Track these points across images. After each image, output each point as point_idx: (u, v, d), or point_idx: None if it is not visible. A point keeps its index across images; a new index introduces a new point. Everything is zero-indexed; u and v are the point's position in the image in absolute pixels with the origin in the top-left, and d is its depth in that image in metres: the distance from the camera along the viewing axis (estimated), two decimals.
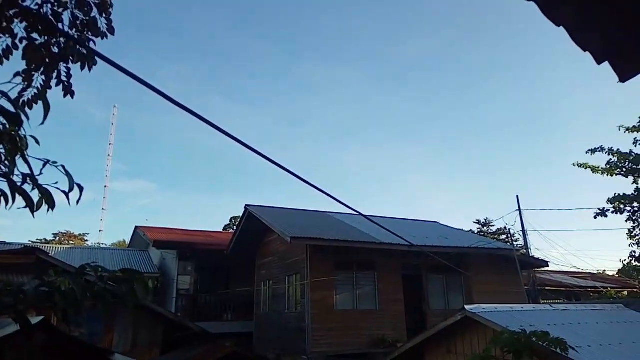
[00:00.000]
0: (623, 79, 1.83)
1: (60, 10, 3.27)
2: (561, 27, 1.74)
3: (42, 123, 1.69)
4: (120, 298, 1.98)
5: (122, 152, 78.13)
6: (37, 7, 3.42)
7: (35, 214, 1.67)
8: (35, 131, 1.78)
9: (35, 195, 1.71)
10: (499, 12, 74.52)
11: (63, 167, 1.58)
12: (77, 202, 1.62)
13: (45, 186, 1.57)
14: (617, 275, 35.59)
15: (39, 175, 1.56)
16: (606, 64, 1.83)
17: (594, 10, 1.70)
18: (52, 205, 1.59)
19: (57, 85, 3.33)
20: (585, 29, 1.75)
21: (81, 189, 1.62)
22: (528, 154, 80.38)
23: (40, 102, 3.24)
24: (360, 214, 7.51)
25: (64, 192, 1.58)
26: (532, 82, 74.50)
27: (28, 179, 1.50)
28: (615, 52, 1.78)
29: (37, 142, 1.79)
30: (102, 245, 40.30)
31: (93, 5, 3.48)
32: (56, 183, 1.58)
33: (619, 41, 1.78)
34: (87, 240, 45.88)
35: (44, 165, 1.58)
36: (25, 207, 1.56)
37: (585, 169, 19.89)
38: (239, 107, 76.66)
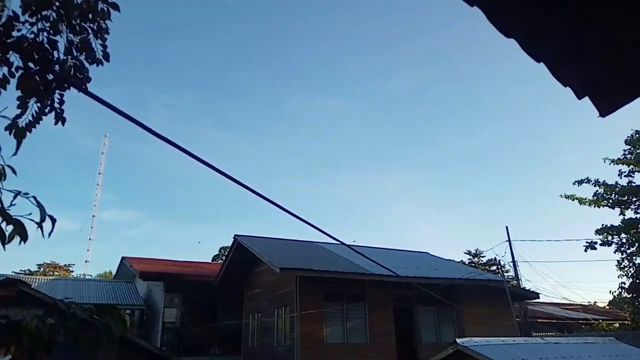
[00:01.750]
0: (603, 113, 1.86)
1: (56, 36, 3.28)
2: (541, 63, 1.77)
3: (15, 154, 1.67)
4: (95, 334, 1.90)
5: (111, 181, 77.61)
6: (33, 36, 3.43)
7: (7, 246, 1.62)
8: (24, 160, 1.76)
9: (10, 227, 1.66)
10: (483, 49, 76.73)
11: (34, 198, 1.54)
12: (50, 234, 1.58)
13: (18, 217, 1.53)
14: (607, 307, 35.50)
15: (10, 207, 1.53)
16: (587, 99, 1.86)
17: (573, 46, 1.74)
18: (24, 237, 1.55)
19: (49, 112, 3.31)
20: (564, 65, 1.78)
21: (53, 220, 1.58)
22: (517, 184, 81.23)
23: (35, 127, 3.22)
24: (345, 244, 7.45)
25: (36, 223, 1.54)
26: (518, 115, 76.05)
27: None
28: (594, 87, 1.81)
29: (14, 172, 1.75)
30: (87, 277, 39.46)
31: (89, 29, 3.49)
32: (30, 214, 1.55)
33: (598, 77, 1.81)
34: (72, 271, 44.90)
35: (14, 197, 1.55)
36: None
37: (573, 200, 20.13)
38: (229, 137, 76.98)
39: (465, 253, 43.70)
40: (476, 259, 42.74)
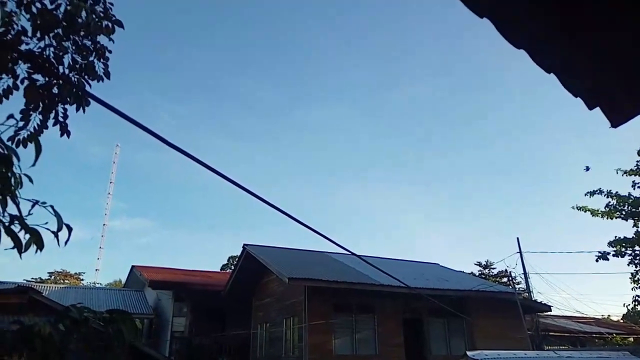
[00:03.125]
0: (615, 124, 1.85)
1: (61, 54, 3.38)
2: (551, 74, 1.77)
3: (34, 164, 1.71)
4: (107, 340, 1.92)
5: (122, 190, 78.31)
6: (40, 50, 3.53)
7: (24, 254, 1.65)
8: (36, 170, 1.80)
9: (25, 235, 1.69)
10: (492, 59, 76.65)
11: (52, 207, 1.57)
12: (66, 243, 1.60)
13: (35, 226, 1.56)
14: (621, 321, 34.81)
15: (27, 215, 1.56)
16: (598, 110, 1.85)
17: (583, 57, 1.74)
18: (40, 246, 1.57)
19: (54, 125, 3.39)
20: (575, 75, 1.78)
21: (70, 229, 1.61)
22: (528, 196, 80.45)
23: (45, 138, 3.28)
24: (355, 255, 7.42)
25: (53, 232, 1.56)
26: (529, 126, 75.60)
27: (15, 220, 1.49)
28: (605, 98, 1.80)
29: (31, 180, 1.79)
30: (97, 285, 39.68)
31: (92, 50, 3.60)
32: (46, 223, 1.57)
33: (609, 87, 1.81)
34: (82, 280, 45.19)
35: (32, 206, 1.58)
36: (13, 248, 1.55)
37: (585, 212, 19.85)
38: (237, 145, 77.39)
39: (475, 264, 43.26)
40: (487, 270, 42.27)
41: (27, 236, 1.64)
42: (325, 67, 68.27)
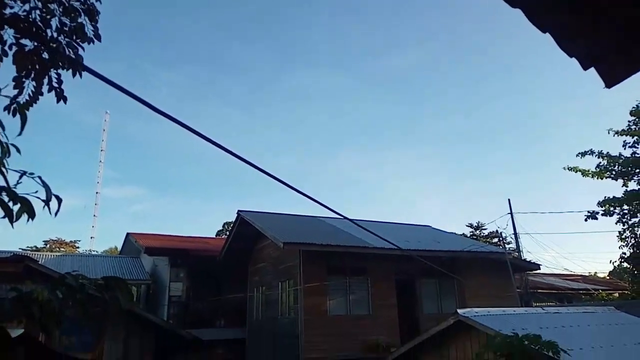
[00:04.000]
0: (609, 84, 1.84)
1: (48, 17, 3.26)
2: (547, 33, 1.74)
3: (20, 134, 1.67)
4: (103, 306, 1.94)
5: (113, 158, 77.69)
6: (25, 14, 3.40)
7: (16, 224, 1.64)
8: (25, 138, 1.77)
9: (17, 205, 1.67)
10: (486, 21, 75.28)
11: (40, 177, 1.55)
12: (56, 213, 1.59)
13: (25, 195, 1.54)
14: (608, 277, 35.89)
15: (16, 185, 1.53)
16: (592, 70, 1.83)
17: (579, 17, 1.71)
18: (32, 215, 1.56)
19: (49, 91, 3.31)
20: (570, 35, 1.75)
21: (59, 200, 1.59)
22: (519, 157, 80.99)
23: (32, 106, 3.22)
24: (348, 219, 7.50)
25: (43, 200, 1.55)
26: (522, 88, 75.18)
27: (3, 191, 1.47)
28: (600, 58, 1.78)
29: (18, 150, 1.76)
30: (93, 253, 39.94)
31: (81, 11, 3.47)
32: (36, 192, 1.55)
33: (604, 47, 1.78)
34: (78, 248, 45.42)
35: (20, 177, 1.55)
36: (3, 217, 1.53)
37: (576, 172, 20.11)
38: (232, 113, 76.56)
39: (467, 226, 43.92)
40: (478, 231, 42.97)
41: (18, 205, 1.62)
42: (318, 33, 66.81)
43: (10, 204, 1.54)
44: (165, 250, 21.83)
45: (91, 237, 41.84)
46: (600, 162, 19.87)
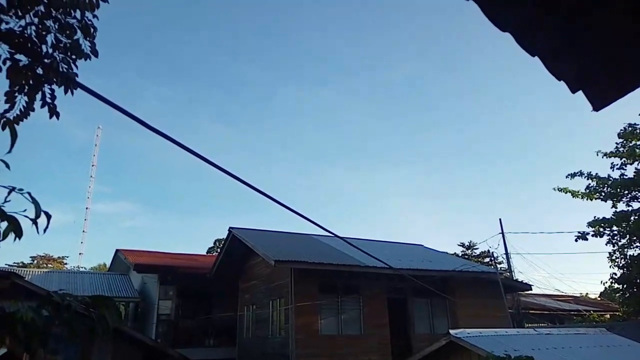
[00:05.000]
0: (597, 107, 1.87)
1: (44, 33, 3.27)
2: (536, 57, 1.78)
3: (9, 151, 1.66)
4: (90, 325, 1.90)
5: (106, 173, 77.26)
6: (20, 29, 3.41)
7: (2, 242, 1.61)
8: (16, 152, 1.75)
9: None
10: (477, 41, 76.70)
11: (29, 194, 1.53)
12: (45, 230, 1.57)
13: (13, 214, 1.52)
14: (599, 298, 35.91)
15: (5, 203, 1.52)
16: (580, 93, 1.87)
17: (567, 41, 1.75)
18: (19, 234, 1.54)
19: (42, 107, 3.30)
20: (559, 59, 1.79)
21: (48, 216, 1.57)
22: (510, 177, 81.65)
23: (23, 121, 3.20)
24: (340, 237, 7.47)
25: (31, 219, 1.53)
26: (511, 108, 76.23)
27: None
28: (588, 81, 1.82)
29: (8, 166, 1.74)
30: (81, 269, 39.32)
31: (77, 28, 3.48)
32: (24, 210, 1.54)
33: (592, 71, 1.82)
34: (66, 264, 44.74)
35: (9, 193, 1.54)
36: None
37: (566, 193, 20.26)
38: (224, 129, 76.67)
39: (458, 245, 44.00)
40: (469, 251, 43.04)
41: (5, 224, 1.60)
42: (310, 49, 67.59)
43: None
44: (154, 268, 21.55)
45: (80, 253, 41.21)
46: (589, 184, 20.07)
